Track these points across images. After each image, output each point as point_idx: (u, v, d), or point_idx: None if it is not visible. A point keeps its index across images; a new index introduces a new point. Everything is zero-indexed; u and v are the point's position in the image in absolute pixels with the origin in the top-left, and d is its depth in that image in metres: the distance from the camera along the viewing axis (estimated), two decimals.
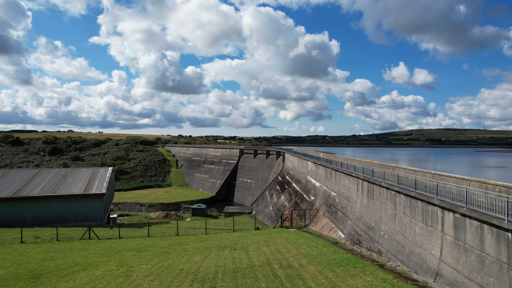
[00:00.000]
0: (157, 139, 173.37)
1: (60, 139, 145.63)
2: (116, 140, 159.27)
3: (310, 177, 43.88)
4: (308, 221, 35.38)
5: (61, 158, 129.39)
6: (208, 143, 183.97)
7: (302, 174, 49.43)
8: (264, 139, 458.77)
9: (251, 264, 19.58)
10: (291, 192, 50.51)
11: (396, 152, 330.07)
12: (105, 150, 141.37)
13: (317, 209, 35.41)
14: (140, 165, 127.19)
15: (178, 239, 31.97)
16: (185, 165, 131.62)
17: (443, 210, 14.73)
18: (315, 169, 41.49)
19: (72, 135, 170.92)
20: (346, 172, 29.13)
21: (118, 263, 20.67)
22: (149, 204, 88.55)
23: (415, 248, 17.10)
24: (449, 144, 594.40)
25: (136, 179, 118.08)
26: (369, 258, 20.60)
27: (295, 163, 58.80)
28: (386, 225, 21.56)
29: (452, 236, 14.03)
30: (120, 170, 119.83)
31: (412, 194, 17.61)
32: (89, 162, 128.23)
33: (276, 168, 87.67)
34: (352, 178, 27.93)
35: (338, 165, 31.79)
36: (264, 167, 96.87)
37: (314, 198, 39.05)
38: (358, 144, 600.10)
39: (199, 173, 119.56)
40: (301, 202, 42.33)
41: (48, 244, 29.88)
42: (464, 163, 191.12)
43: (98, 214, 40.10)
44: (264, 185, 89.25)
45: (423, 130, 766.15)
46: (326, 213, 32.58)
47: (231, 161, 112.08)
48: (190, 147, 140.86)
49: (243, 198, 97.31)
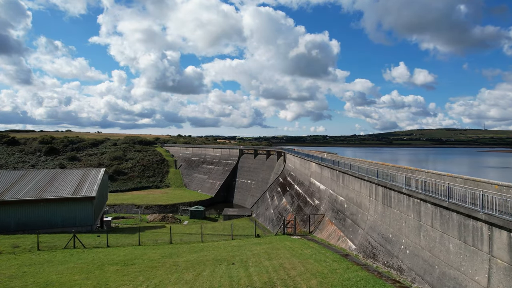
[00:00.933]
0: (156, 139, 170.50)
1: (57, 139, 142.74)
2: (114, 140, 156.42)
3: (314, 179, 41.01)
4: (313, 228, 32.48)
5: (57, 159, 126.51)
6: (208, 143, 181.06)
7: (305, 176, 46.54)
8: (264, 139, 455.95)
9: (251, 285, 16.68)
10: (293, 194, 47.60)
11: (397, 152, 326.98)
12: (102, 150, 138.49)
13: (322, 215, 32.51)
14: (138, 166, 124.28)
15: (170, 248, 29.05)
16: (184, 166, 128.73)
17: (491, 227, 11.84)
18: (320, 171, 38.61)
19: (69, 135, 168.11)
20: (356, 175, 26.21)
21: (96, 283, 17.75)
22: (146, 205, 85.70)
23: (449, 270, 14.18)
24: (450, 144, 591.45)
25: (134, 179, 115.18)
26: (389, 277, 17.68)
27: (297, 164, 55.90)
28: (408, 238, 18.64)
29: (507, 262, 11.12)
30: (118, 171, 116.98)
31: (445, 204, 14.70)
32: (86, 162, 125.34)
33: (276, 168, 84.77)
34: (364, 182, 25.00)
35: (346, 167, 28.87)
36: (264, 167, 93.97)
37: (318, 202, 36.19)
38: (359, 144, 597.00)
39: (198, 174, 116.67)
40: (304, 206, 39.48)
41: (27, 255, 26.98)
42: (468, 163, 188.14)
43: (87, 219, 37.20)
44: (265, 186, 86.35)
45: (423, 130, 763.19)
46: (333, 220, 29.75)
47: (230, 162, 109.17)
48: (189, 147, 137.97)
49: (243, 199, 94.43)
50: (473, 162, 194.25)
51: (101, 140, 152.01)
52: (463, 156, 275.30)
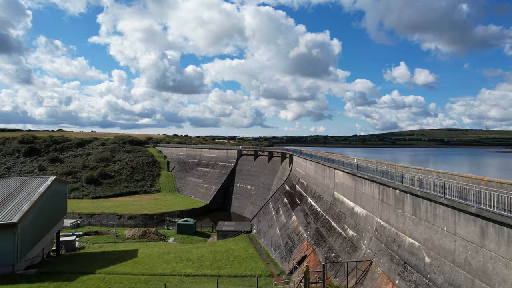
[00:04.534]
0: (148, 139, 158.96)
1: (39, 139, 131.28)
2: (102, 139, 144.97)
3: (342, 195, 29.34)
4: (353, 283, 20.07)
5: (37, 160, 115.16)
6: (205, 143, 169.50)
7: (323, 187, 35.15)
8: (264, 139, 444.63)
9: None
10: (307, 211, 36.23)
11: (405, 153, 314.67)
12: (89, 151, 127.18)
13: (368, 261, 20.43)
14: (126, 168, 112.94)
15: None
16: (177, 168, 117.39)
17: None
18: (353, 184, 26.64)
19: (54, 134, 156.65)
20: (462, 208, 13.84)
21: None
22: (129, 215, 74.41)
23: None
24: (453, 144, 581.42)
25: (121, 184, 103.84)
26: None
27: (309, 170, 44.60)
28: None
29: None
30: (103, 174, 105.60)
31: None
32: (69, 164, 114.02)
33: (280, 173, 73.48)
34: (491, 226, 12.51)
35: (424, 189, 16.64)
36: (266, 171, 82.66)
37: (355, 233, 24.03)
38: (361, 144, 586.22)
39: (192, 177, 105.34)
40: (328, 233, 27.58)
41: None
42: (493, 165, 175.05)
43: (5, 256, 25.67)
44: (267, 193, 75.04)
45: (424, 130, 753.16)
46: (395, 276, 17.59)
47: (228, 164, 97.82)
48: (183, 148, 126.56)
49: (242, 207, 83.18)
50: (501, 165, 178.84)
51: (89, 140, 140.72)
52: (477, 157, 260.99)
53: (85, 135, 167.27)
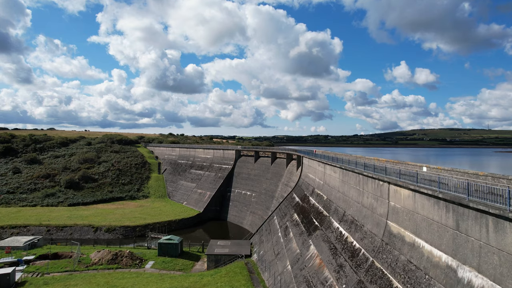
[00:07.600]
0: (140, 138, 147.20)
1: (17, 137, 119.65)
2: (89, 139, 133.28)
3: (411, 232, 16.78)
4: None
5: (13, 161, 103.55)
6: (202, 142, 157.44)
7: (363, 209, 23.18)
8: (264, 138, 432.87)
9: None
10: (334, 243, 24.59)
11: (411, 153, 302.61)
12: (72, 151, 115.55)
13: None
14: (112, 170, 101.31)
15: None
16: (168, 170, 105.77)
17: None
18: (443, 218, 14.01)
19: (36, 133, 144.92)
20: None
21: None
22: (107, 227, 62.84)
23: None
24: (457, 144, 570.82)
25: (104, 188, 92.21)
26: None
27: (329, 178, 33.13)
28: None
29: None
30: (86, 177, 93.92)
31: None
32: (48, 166, 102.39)
33: (286, 178, 61.93)
34: None
35: None
36: (269, 175, 71.14)
37: None
38: (362, 144, 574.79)
39: (184, 181, 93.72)
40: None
41: None
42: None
43: None
44: (270, 200, 63.54)
45: (425, 130, 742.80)
46: None
47: (224, 166, 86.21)
48: (176, 148, 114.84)
49: (240, 216, 71.71)
50: None
51: (74, 139, 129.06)
52: (489, 157, 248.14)
53: (72, 134, 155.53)
